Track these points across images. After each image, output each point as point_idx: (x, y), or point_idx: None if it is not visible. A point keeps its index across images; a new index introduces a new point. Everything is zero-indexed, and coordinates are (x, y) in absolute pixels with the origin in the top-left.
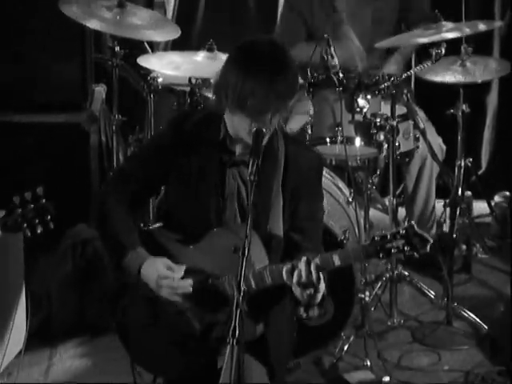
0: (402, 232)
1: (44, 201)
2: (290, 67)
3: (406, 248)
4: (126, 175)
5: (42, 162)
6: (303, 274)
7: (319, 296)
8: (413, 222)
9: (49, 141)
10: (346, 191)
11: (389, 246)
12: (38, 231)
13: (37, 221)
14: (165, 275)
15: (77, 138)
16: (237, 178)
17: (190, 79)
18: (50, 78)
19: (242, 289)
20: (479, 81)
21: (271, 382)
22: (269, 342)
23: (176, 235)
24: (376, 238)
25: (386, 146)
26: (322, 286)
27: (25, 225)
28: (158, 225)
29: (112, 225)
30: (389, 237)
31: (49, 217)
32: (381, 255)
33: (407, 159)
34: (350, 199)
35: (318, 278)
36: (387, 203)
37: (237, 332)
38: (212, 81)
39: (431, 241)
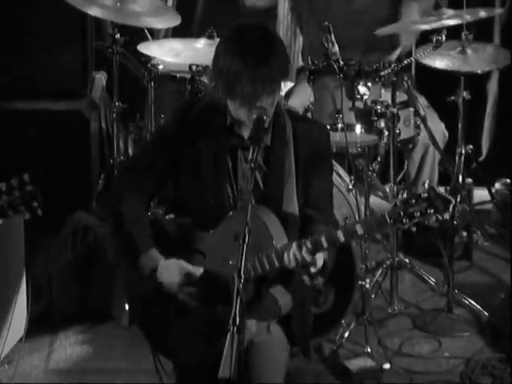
0: (424, 195)
1: (31, 187)
2: (277, 50)
3: (428, 211)
4: (135, 170)
5: (43, 149)
6: (292, 257)
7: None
8: (433, 184)
9: (49, 128)
10: (347, 178)
11: (411, 210)
12: (26, 218)
13: (23, 207)
14: (184, 283)
15: (77, 125)
16: (249, 161)
17: (190, 66)
18: (50, 66)
19: (243, 276)
20: (479, 71)
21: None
22: (293, 313)
23: (191, 223)
24: (398, 204)
25: (386, 133)
26: (319, 261)
27: (11, 212)
28: (169, 217)
29: (125, 225)
30: (411, 201)
31: (36, 203)
32: (404, 220)
33: (410, 146)
34: (351, 186)
35: (312, 259)
36: (388, 190)
37: (237, 320)
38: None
39: (453, 201)
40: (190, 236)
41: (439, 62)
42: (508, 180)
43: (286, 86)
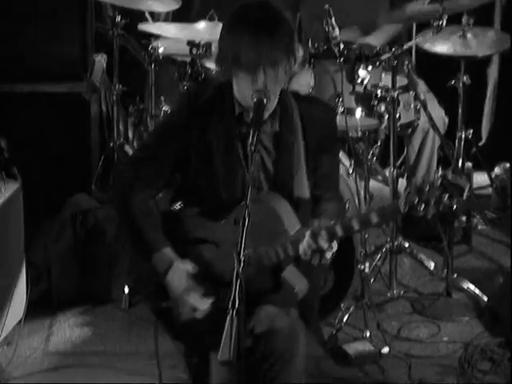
0: (438, 182)
1: (7, 154)
2: (280, 24)
3: (443, 197)
4: (143, 162)
5: (42, 131)
6: (307, 247)
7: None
8: (445, 172)
9: (49, 110)
10: (347, 162)
11: (427, 197)
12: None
13: (2, 173)
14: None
15: (77, 107)
16: (259, 148)
17: (191, 50)
18: (50, 48)
19: (242, 259)
20: (480, 55)
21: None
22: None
23: (203, 213)
24: (412, 191)
25: (386, 117)
26: (334, 247)
27: None
28: (178, 205)
29: (136, 222)
30: (426, 188)
31: (15, 169)
32: (420, 208)
33: (410, 130)
34: (351, 170)
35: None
36: (387, 174)
37: (236, 303)
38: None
39: (467, 187)
40: (202, 226)
41: (440, 47)
42: (508, 164)
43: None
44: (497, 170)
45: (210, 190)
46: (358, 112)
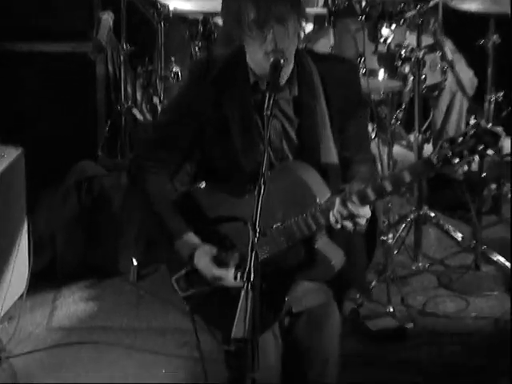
0: (471, 132)
1: None
2: None
3: (478, 147)
4: (158, 143)
5: (46, 93)
6: (338, 215)
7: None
8: (478, 121)
9: (52, 71)
10: (369, 127)
11: (460, 149)
12: None
13: None
14: (219, 276)
15: (82, 68)
16: (279, 116)
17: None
18: (54, 5)
19: (258, 229)
20: (510, 12)
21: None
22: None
23: (225, 189)
24: (445, 144)
25: (411, 78)
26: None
27: None
28: (201, 185)
29: (155, 209)
30: (458, 139)
31: None
32: (454, 161)
33: (436, 93)
34: (373, 135)
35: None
36: (412, 140)
37: (252, 276)
38: None
39: (503, 135)
40: (226, 204)
41: (468, 4)
42: None
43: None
44: None
45: (231, 164)
46: (381, 73)
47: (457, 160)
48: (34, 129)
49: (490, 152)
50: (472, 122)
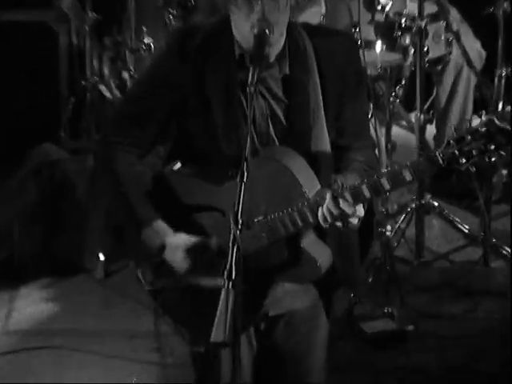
0: (482, 130)
1: None
2: None
3: (489, 148)
4: (130, 119)
5: (1, 66)
6: (328, 213)
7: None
8: (491, 116)
9: (10, 42)
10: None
11: (468, 149)
12: None
13: None
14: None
15: (43, 39)
16: (266, 95)
17: None
18: None
19: (240, 221)
20: None
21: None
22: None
23: (202, 174)
24: (451, 142)
25: (412, 51)
26: (361, 211)
27: None
28: (176, 165)
29: (123, 190)
30: (467, 138)
31: None
32: (461, 161)
33: (439, 67)
34: (369, 115)
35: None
36: (413, 120)
37: (233, 273)
38: None
39: None
40: (203, 191)
41: None
42: None
43: None
44: None
45: (210, 145)
46: (378, 45)
47: (464, 160)
48: None
49: (501, 153)
50: (484, 118)
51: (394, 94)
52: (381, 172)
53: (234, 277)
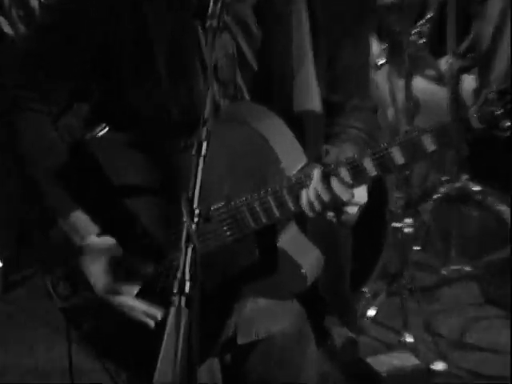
0: None
1: None
2: None
3: None
4: (41, 66)
5: None
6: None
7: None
8: None
9: None
10: (375, 47)
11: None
12: None
13: None
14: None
15: None
16: (233, 28)
17: None
18: None
19: (196, 212)
20: None
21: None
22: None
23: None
24: (491, 96)
25: None
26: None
27: None
28: (100, 130)
29: (26, 169)
30: (510, 92)
31: None
32: (505, 124)
33: None
34: (381, 61)
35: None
36: (443, 67)
37: (186, 285)
38: None
39: None
40: (141, 166)
41: None
42: None
43: None
44: None
45: (150, 102)
46: None
47: (508, 123)
48: None
49: None
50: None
51: (416, 31)
52: (391, 140)
53: (187, 290)
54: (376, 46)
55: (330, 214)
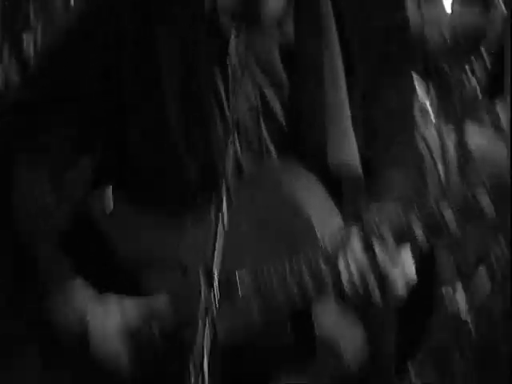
0: None
1: None
2: None
3: None
4: (35, 112)
5: None
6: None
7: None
8: None
9: None
10: (420, 91)
11: None
12: None
13: None
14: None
15: None
16: (257, 76)
17: None
18: None
19: (216, 277)
20: None
21: None
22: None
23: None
24: None
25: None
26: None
27: None
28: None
29: (20, 231)
30: None
31: None
32: None
33: None
34: (429, 107)
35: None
36: (502, 115)
37: (206, 375)
38: None
39: None
40: (152, 234)
41: None
42: None
43: None
44: None
45: (161, 159)
46: None
47: None
48: None
49: None
50: None
51: (469, 71)
52: (440, 194)
53: (206, 376)
54: (420, 86)
55: (376, 292)
